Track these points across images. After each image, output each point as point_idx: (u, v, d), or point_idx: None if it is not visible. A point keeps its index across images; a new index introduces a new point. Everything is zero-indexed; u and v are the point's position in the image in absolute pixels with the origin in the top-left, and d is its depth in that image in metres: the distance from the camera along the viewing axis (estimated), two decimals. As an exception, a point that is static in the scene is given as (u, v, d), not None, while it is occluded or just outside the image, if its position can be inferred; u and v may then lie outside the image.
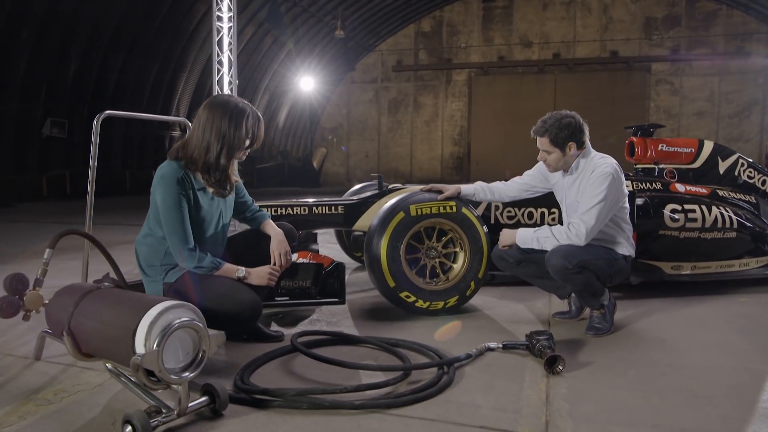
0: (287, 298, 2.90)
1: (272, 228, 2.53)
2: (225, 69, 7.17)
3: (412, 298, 2.94)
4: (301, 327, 2.83)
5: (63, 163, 13.06)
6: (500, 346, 2.43)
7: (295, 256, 3.29)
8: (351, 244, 4.51)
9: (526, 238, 2.73)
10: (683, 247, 3.54)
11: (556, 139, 2.66)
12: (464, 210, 2.99)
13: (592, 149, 2.77)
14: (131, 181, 14.87)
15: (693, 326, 2.90)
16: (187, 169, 2.26)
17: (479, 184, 3.08)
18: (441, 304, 2.98)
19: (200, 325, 1.70)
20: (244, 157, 2.42)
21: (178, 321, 1.64)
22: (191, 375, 1.67)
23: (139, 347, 1.60)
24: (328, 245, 4.99)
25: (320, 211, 3.56)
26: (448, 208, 2.97)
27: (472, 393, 2.00)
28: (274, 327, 2.82)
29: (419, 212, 2.94)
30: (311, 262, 2.94)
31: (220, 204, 2.40)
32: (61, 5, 11.37)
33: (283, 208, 3.48)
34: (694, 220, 3.54)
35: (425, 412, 1.83)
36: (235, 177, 2.45)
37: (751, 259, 3.77)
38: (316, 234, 4.28)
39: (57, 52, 11.95)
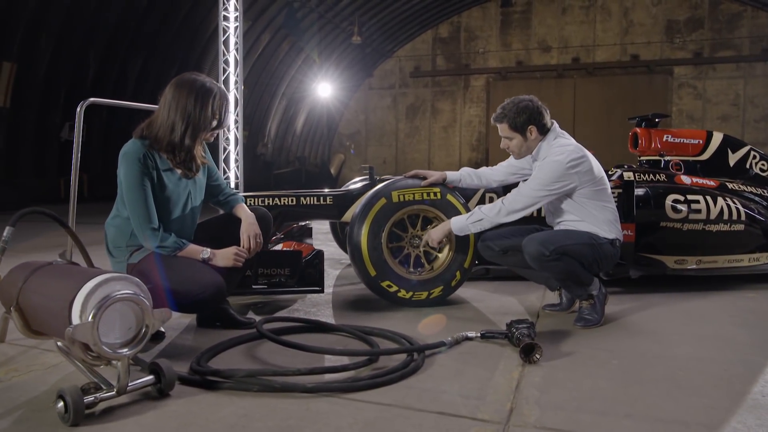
0: (265, 286, 2.82)
1: (244, 211, 2.46)
2: (231, 69, 7.18)
3: (394, 288, 2.83)
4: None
5: (81, 167, 13.18)
6: (478, 335, 2.31)
7: (279, 246, 3.23)
8: (344, 237, 4.41)
9: (461, 225, 2.69)
10: (687, 239, 3.37)
11: (515, 123, 2.63)
12: (449, 197, 2.88)
13: (559, 134, 2.65)
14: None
15: (692, 320, 2.73)
16: (151, 149, 2.21)
17: (465, 170, 2.97)
18: (425, 295, 2.87)
19: (143, 299, 1.62)
20: (212, 139, 2.36)
21: (117, 293, 1.57)
22: (131, 351, 1.60)
23: (75, 319, 1.53)
24: (330, 243, 4.90)
25: (308, 202, 3.47)
26: (432, 194, 2.87)
27: (438, 380, 1.88)
28: (251, 315, 2.74)
29: (402, 198, 2.84)
30: (289, 250, 2.86)
31: (189, 186, 2.34)
32: (80, 11, 11.59)
33: (270, 199, 3.40)
34: (698, 211, 3.36)
35: (382, 397, 1.72)
36: (203, 158, 2.38)
37: (761, 254, 3.57)
38: (311, 228, 4.20)
39: (76, 57, 12.17)
